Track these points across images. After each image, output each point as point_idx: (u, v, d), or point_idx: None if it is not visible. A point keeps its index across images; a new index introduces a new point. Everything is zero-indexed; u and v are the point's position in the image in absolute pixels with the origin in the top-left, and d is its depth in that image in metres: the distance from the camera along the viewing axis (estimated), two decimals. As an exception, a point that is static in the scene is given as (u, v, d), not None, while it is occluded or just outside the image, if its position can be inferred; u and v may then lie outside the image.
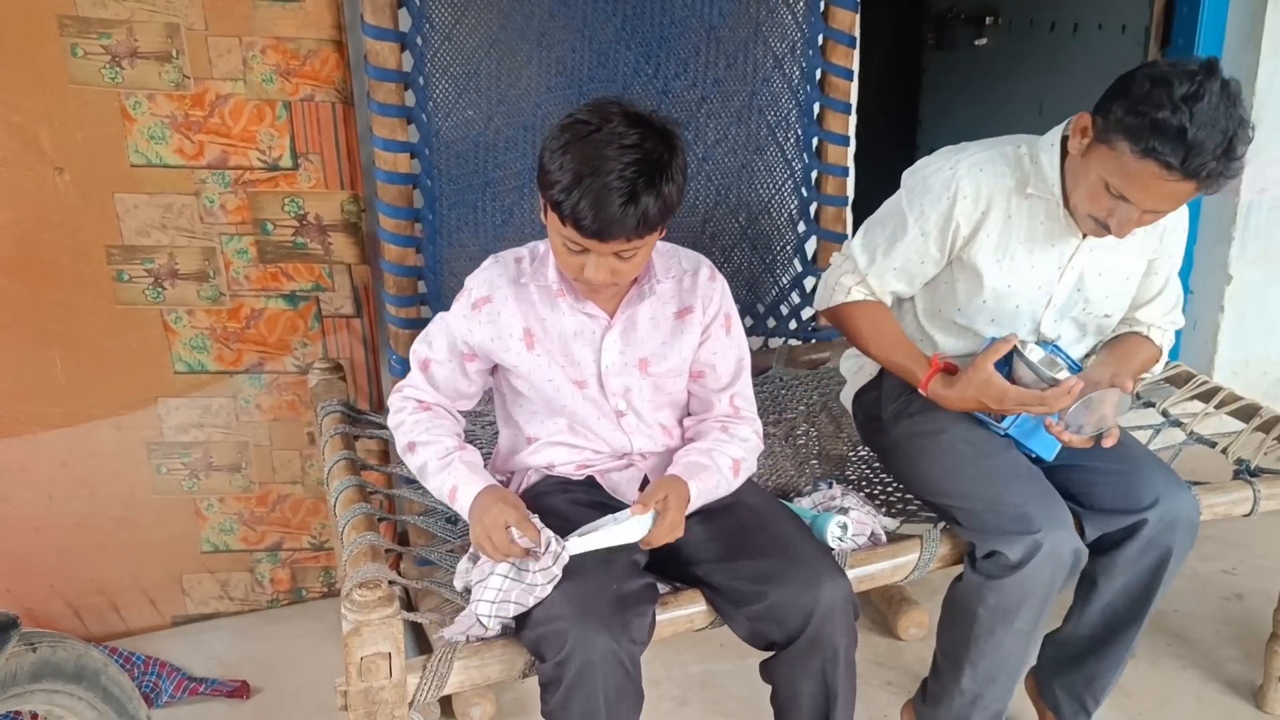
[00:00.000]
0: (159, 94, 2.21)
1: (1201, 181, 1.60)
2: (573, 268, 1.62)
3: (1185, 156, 1.56)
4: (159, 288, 2.33)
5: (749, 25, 2.45)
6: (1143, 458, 1.94)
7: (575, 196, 1.51)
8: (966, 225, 1.84)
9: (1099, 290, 1.91)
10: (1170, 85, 1.57)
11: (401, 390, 1.82)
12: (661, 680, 2.38)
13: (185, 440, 2.45)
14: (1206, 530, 2.75)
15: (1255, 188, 3.27)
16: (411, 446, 1.75)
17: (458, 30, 2.27)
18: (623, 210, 1.51)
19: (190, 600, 2.57)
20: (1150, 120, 1.56)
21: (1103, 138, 1.66)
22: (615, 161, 1.50)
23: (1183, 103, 1.55)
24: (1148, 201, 1.65)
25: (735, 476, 1.76)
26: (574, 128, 1.55)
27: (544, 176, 1.57)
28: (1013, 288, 1.88)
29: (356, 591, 1.50)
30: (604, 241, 1.55)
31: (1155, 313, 2.02)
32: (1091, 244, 1.87)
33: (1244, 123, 1.59)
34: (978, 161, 1.84)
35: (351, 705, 1.51)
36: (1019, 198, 1.83)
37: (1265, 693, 2.29)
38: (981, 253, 1.86)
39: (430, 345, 1.79)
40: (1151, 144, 1.57)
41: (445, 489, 1.70)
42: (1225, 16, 3.19)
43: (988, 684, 1.91)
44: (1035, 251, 1.86)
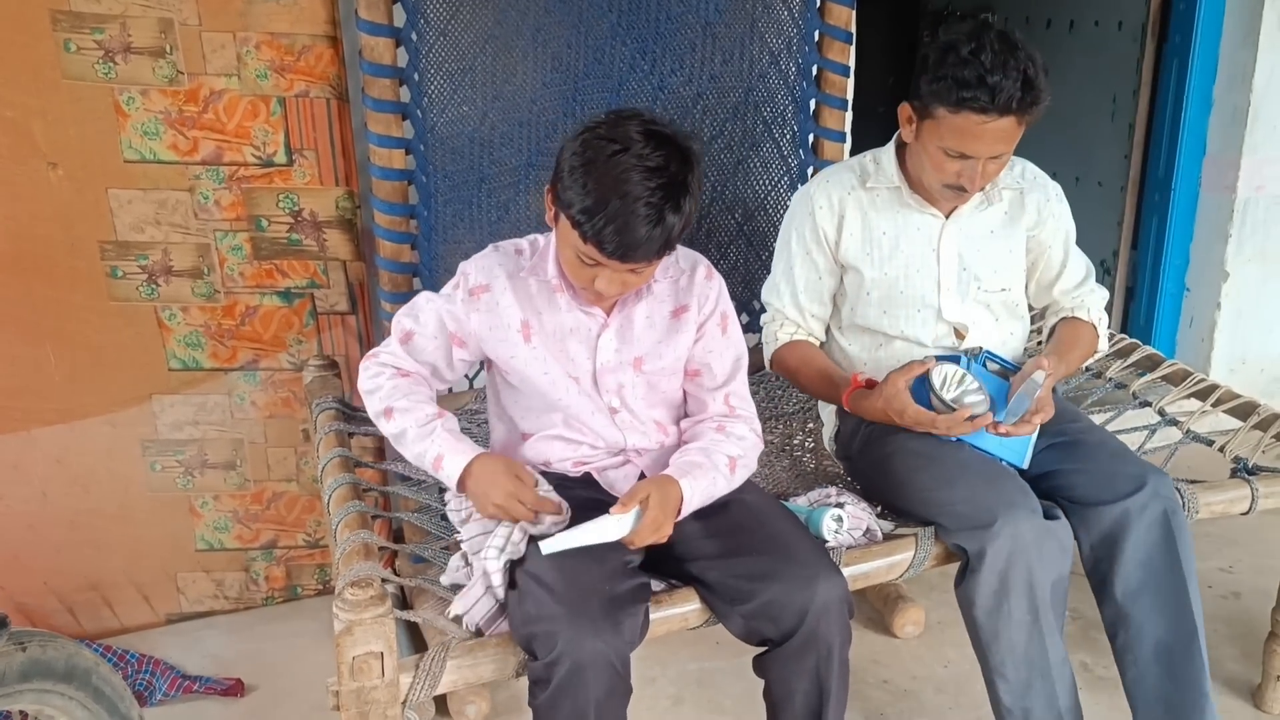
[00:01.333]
0: (153, 89, 2.20)
1: (1017, 114, 1.77)
2: (583, 279, 1.63)
3: (993, 96, 1.74)
4: (153, 284, 2.32)
5: (745, 21, 2.44)
6: (1119, 452, 1.97)
7: (600, 221, 1.51)
8: (831, 229, 2.04)
9: (985, 265, 2.03)
10: (956, 48, 1.77)
11: (377, 356, 1.79)
12: (657, 678, 2.37)
13: (180, 437, 2.44)
14: (1204, 528, 2.76)
15: (1252, 185, 3.27)
16: (389, 412, 1.72)
17: (453, 26, 2.26)
18: (648, 234, 1.53)
19: (185, 598, 2.56)
20: (952, 79, 1.76)
21: (923, 114, 1.85)
22: (641, 187, 1.51)
23: (971, 55, 1.74)
24: (984, 149, 1.81)
25: (733, 474, 1.75)
26: (595, 146, 1.54)
27: (563, 192, 1.56)
28: (890, 275, 2.03)
29: (348, 590, 1.50)
30: (625, 262, 1.56)
31: (1068, 286, 2.14)
32: (957, 222, 2.01)
33: (1031, 58, 1.76)
34: (825, 175, 2.09)
35: (344, 705, 1.50)
36: (864, 192, 2.03)
37: (1264, 691, 2.28)
38: (851, 251, 2.03)
39: (417, 319, 1.77)
40: (960, 95, 1.75)
41: (429, 456, 1.68)
42: (1222, 13, 3.19)
43: (1025, 691, 1.85)
44: (899, 238, 2.02)
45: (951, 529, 1.84)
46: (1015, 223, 2.05)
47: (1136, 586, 1.87)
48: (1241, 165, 3.24)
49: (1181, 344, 3.56)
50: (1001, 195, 2.04)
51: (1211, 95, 3.28)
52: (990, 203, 2.03)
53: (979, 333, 2.05)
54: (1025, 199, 2.05)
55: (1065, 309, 2.14)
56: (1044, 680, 1.84)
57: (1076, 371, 2.28)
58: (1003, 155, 1.86)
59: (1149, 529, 1.85)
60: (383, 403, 1.74)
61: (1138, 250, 3.58)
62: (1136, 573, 1.87)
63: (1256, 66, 3.14)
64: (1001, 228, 2.05)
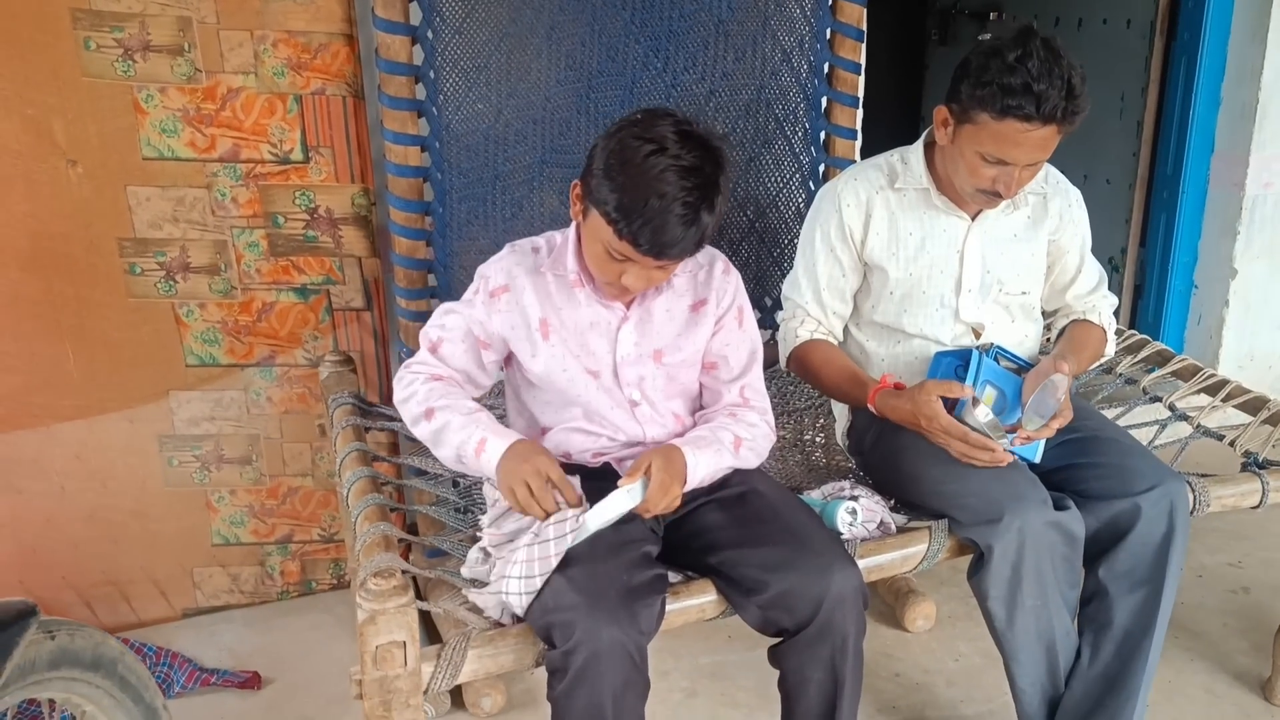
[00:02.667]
0: (171, 87, 2.22)
1: (1059, 122, 1.77)
2: (610, 274, 1.65)
3: (1038, 104, 1.73)
4: (171, 281, 2.34)
5: (757, 19, 2.46)
6: (1134, 449, 1.99)
7: (637, 220, 1.54)
8: (858, 228, 2.04)
9: (1008, 268, 2.05)
10: (1002, 54, 1.76)
11: (409, 366, 1.81)
12: (671, 671, 2.39)
13: (196, 433, 2.46)
14: (1214, 523, 2.78)
15: (1260, 182, 3.28)
16: (429, 413, 1.73)
17: (468, 24, 2.27)
18: (683, 233, 1.56)
19: (201, 592, 2.58)
20: (997, 86, 1.75)
21: (962, 119, 1.84)
22: (677, 186, 1.54)
23: (1017, 63, 1.74)
24: (1023, 156, 1.81)
25: (737, 452, 1.77)
26: (631, 146, 1.56)
27: (596, 189, 1.58)
28: (913, 275, 2.03)
29: (371, 581, 1.51)
30: (659, 260, 1.59)
31: (1082, 291, 2.16)
32: (982, 225, 2.02)
33: (1074, 66, 1.76)
34: (852, 173, 2.09)
35: (367, 694, 1.52)
36: (892, 193, 2.03)
37: (1274, 685, 2.30)
38: (877, 250, 2.04)
39: (443, 328, 1.80)
40: (1006, 103, 1.75)
41: (472, 442, 1.68)
42: (1231, 10, 3.20)
43: (1037, 670, 1.92)
44: (924, 239, 2.02)
45: (964, 522, 1.86)
46: (1038, 227, 2.06)
47: (1122, 571, 1.92)
48: (1250, 162, 3.25)
49: (1189, 341, 3.57)
50: (1027, 200, 2.05)
51: (1220, 92, 3.29)
52: (1016, 207, 2.04)
53: (995, 333, 2.07)
54: (1049, 204, 2.06)
55: (1077, 312, 2.16)
56: (1050, 654, 1.92)
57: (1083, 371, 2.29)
58: (1039, 163, 1.86)
59: (1153, 525, 1.88)
60: (421, 405, 1.75)
61: (1146, 247, 3.58)
62: (1127, 560, 1.91)
63: (1265, 63, 3.15)
64: (1025, 231, 2.06)
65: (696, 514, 1.78)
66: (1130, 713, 1.93)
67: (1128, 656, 1.93)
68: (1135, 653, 1.93)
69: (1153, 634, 1.92)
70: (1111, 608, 1.93)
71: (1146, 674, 1.94)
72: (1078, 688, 1.95)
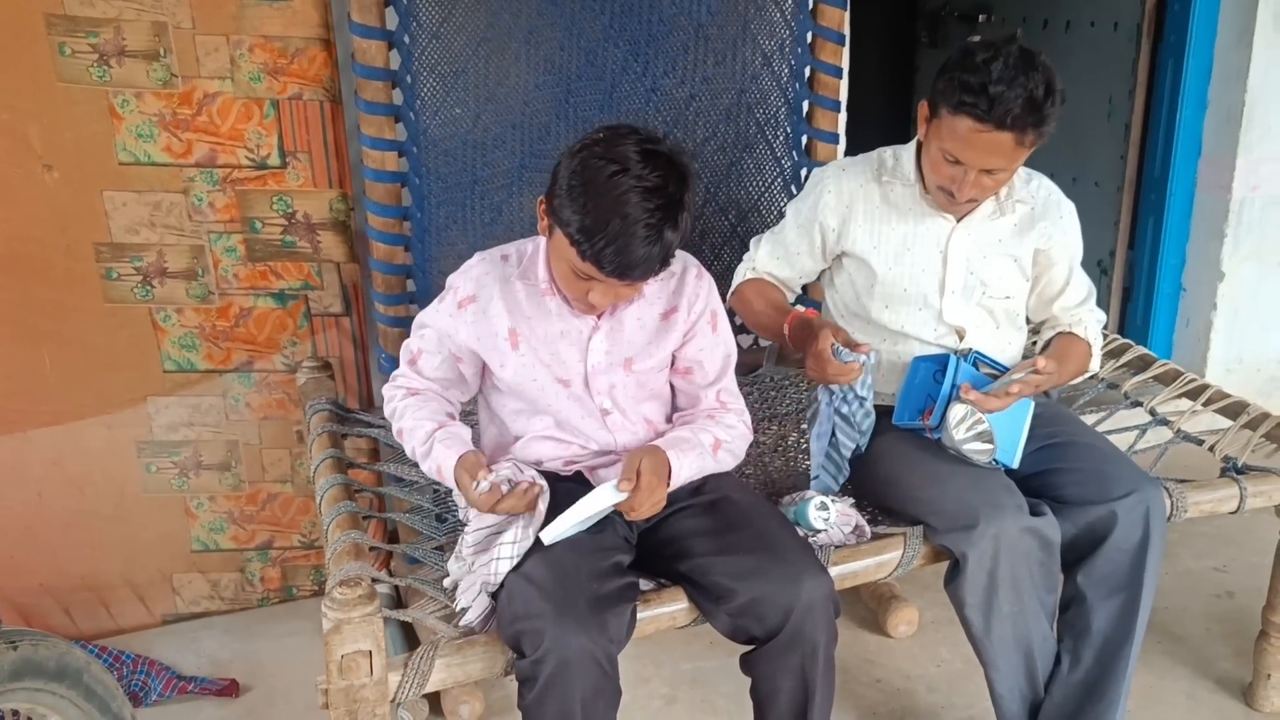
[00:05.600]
0: (147, 92, 2.21)
1: (1014, 131, 1.76)
2: (577, 291, 1.65)
3: (990, 106, 1.74)
4: (148, 286, 2.33)
5: (737, 23, 2.45)
6: (1111, 455, 1.98)
7: (600, 241, 1.53)
8: (834, 219, 2.05)
9: (991, 273, 2.04)
10: (973, 54, 1.78)
11: (394, 381, 1.84)
12: (651, 678, 2.38)
13: (175, 439, 2.45)
14: (1198, 527, 2.77)
15: (1248, 185, 3.27)
16: (400, 433, 1.79)
17: (445, 28, 2.27)
18: (647, 254, 1.55)
19: (180, 599, 2.57)
20: (958, 81, 1.77)
21: (933, 114, 1.87)
22: (640, 208, 1.52)
23: (982, 64, 1.75)
24: (975, 158, 1.81)
25: (716, 455, 1.78)
26: (593, 166, 1.54)
27: (560, 209, 1.57)
28: (895, 271, 2.03)
29: (337, 590, 1.51)
30: (623, 280, 1.58)
31: (1069, 304, 2.14)
32: (967, 228, 2.02)
33: (1047, 81, 1.75)
34: (843, 164, 2.12)
35: (332, 704, 1.51)
36: (877, 186, 2.04)
37: (1255, 690, 2.29)
38: (860, 243, 2.04)
39: (422, 338, 1.82)
40: (961, 99, 1.76)
41: (433, 471, 1.73)
42: (1217, 13, 3.20)
43: (1015, 675, 1.92)
44: (908, 235, 2.03)
45: (939, 529, 1.85)
46: (1024, 235, 2.05)
47: (1099, 577, 1.92)
48: (1237, 165, 3.24)
49: (1178, 344, 3.56)
50: (1015, 208, 2.03)
51: (1207, 95, 3.29)
52: (1003, 213, 2.02)
53: (978, 338, 2.06)
54: (1037, 216, 2.05)
55: (1063, 324, 2.14)
56: (1028, 660, 1.92)
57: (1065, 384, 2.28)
58: (998, 172, 1.85)
59: (1130, 531, 1.88)
60: (395, 425, 1.80)
61: (1134, 250, 3.58)
62: (1104, 566, 1.91)
63: (1251, 66, 3.14)
64: (1010, 238, 2.04)
65: (669, 521, 1.78)
66: (1110, 718, 1.93)
67: (1107, 663, 1.92)
68: (1115, 659, 1.92)
69: (1132, 640, 1.91)
70: (1090, 614, 1.92)
71: (1126, 680, 1.93)
72: (1058, 694, 1.95)
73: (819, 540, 1.83)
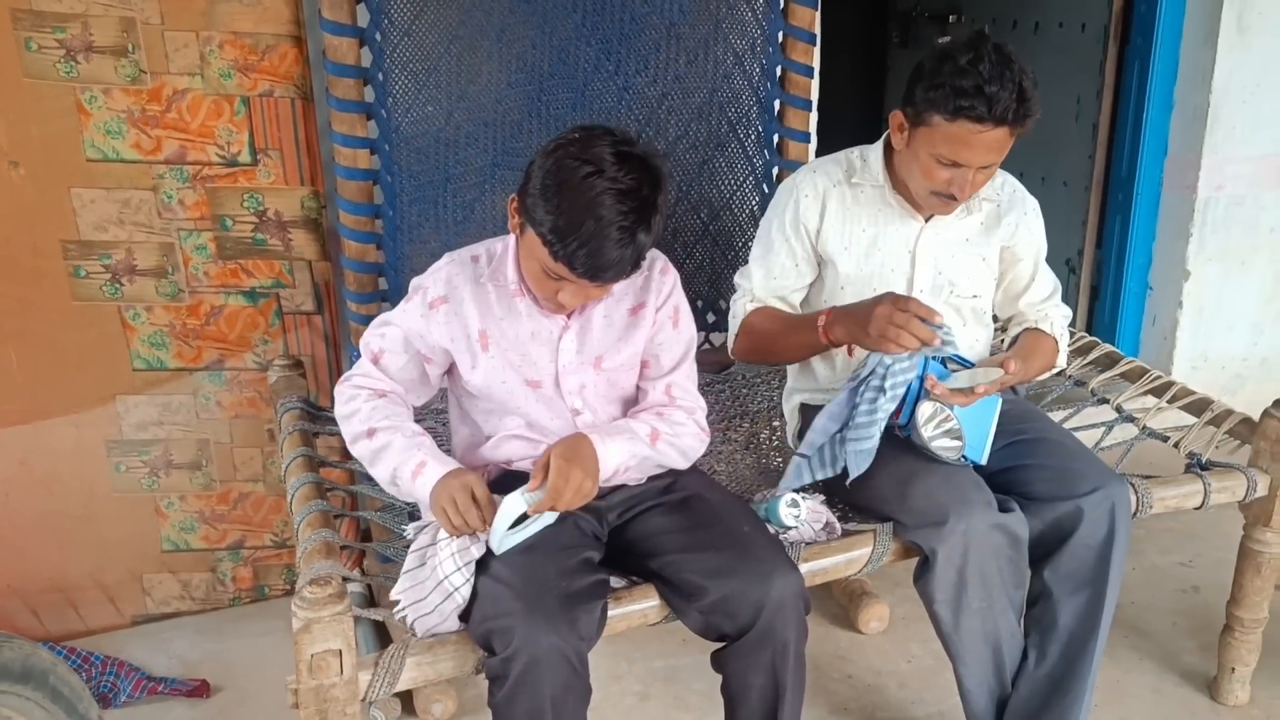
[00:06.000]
0: (115, 88, 2.20)
1: (1010, 124, 1.79)
2: (547, 291, 1.65)
3: (989, 106, 1.76)
4: (116, 284, 2.32)
5: (709, 22, 2.46)
6: (1077, 452, 2.00)
7: (572, 244, 1.53)
8: (813, 219, 2.05)
9: (959, 271, 2.06)
10: (954, 57, 1.78)
11: (350, 379, 1.80)
12: (624, 675, 2.39)
13: (145, 438, 2.43)
14: (1164, 523, 2.81)
15: (1213, 185, 3.31)
16: (371, 433, 1.73)
17: (417, 26, 2.26)
18: (620, 256, 1.55)
19: (151, 599, 2.55)
20: (950, 88, 1.77)
21: (917, 122, 1.86)
22: (613, 210, 1.52)
23: (969, 65, 1.76)
24: (976, 158, 1.83)
25: (654, 445, 1.76)
26: (568, 167, 1.54)
27: (532, 209, 1.57)
28: (864, 271, 2.05)
29: (307, 589, 1.50)
30: (595, 282, 1.59)
31: (1035, 299, 2.16)
32: (935, 227, 2.04)
33: (1024, 70, 1.78)
34: (812, 166, 2.11)
35: (302, 703, 1.51)
36: (848, 187, 2.05)
37: (1220, 684, 2.32)
38: (831, 242, 2.05)
39: (384, 337, 1.79)
40: (958, 104, 1.77)
41: (410, 464, 1.67)
42: (1182, 15, 3.24)
43: (983, 671, 1.94)
44: (878, 236, 2.04)
45: (909, 526, 1.87)
46: (990, 233, 2.07)
47: (1065, 573, 1.94)
48: (1202, 165, 3.28)
49: (1145, 342, 3.60)
50: (981, 206, 2.06)
51: (1172, 96, 3.33)
52: (970, 212, 2.05)
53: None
54: (1003, 212, 2.07)
55: (1030, 320, 2.17)
56: (996, 655, 1.94)
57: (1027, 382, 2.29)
58: (992, 166, 1.88)
59: (1095, 527, 1.90)
60: (364, 424, 1.74)
61: (1102, 249, 3.61)
62: (1070, 562, 1.93)
63: (1216, 67, 3.18)
64: (977, 237, 2.07)
65: (640, 519, 1.78)
66: (1076, 712, 1.95)
67: (1073, 657, 1.94)
68: (1080, 654, 1.94)
69: (1097, 635, 1.93)
70: (1056, 609, 1.94)
71: (1091, 675, 1.95)
72: (1024, 688, 1.97)
73: (790, 537, 1.84)
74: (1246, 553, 2.20)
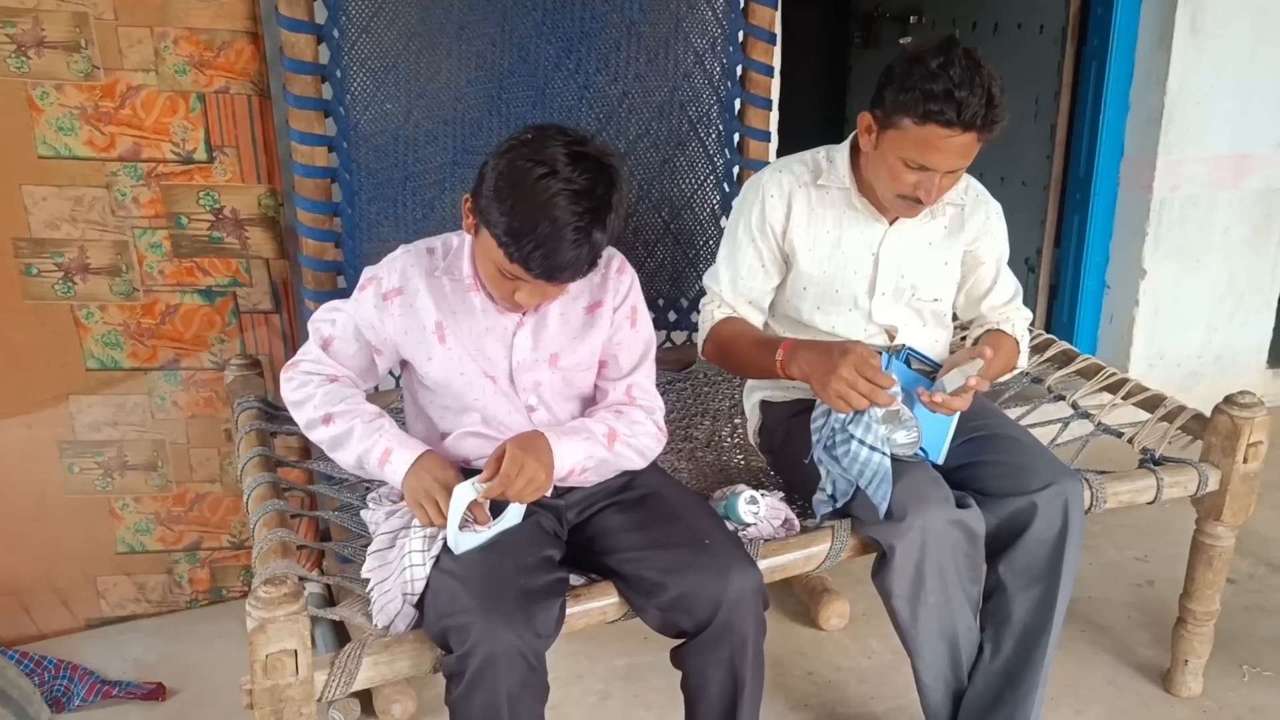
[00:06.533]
0: (68, 84, 2.17)
1: (979, 129, 1.79)
2: (503, 291, 1.64)
3: (959, 111, 1.75)
4: (69, 282, 2.28)
5: (669, 21, 2.46)
6: (1032, 448, 2.03)
7: (528, 245, 1.52)
8: (779, 218, 2.04)
9: (921, 275, 2.07)
10: (925, 61, 1.78)
11: (298, 365, 1.79)
12: (585, 674, 2.39)
13: (99, 439, 2.40)
14: (1120, 518, 2.84)
15: (1168, 185, 3.36)
16: (328, 419, 1.73)
17: (375, 23, 2.25)
18: (575, 256, 1.55)
19: (105, 602, 2.52)
20: (920, 92, 1.77)
21: (886, 124, 1.85)
22: (568, 211, 1.52)
23: (940, 70, 1.76)
24: (944, 162, 1.83)
25: (611, 446, 1.75)
26: (521, 169, 1.53)
27: (487, 209, 1.56)
28: (827, 273, 2.05)
29: (262, 588, 1.49)
30: (550, 282, 1.59)
31: (996, 302, 2.17)
32: (899, 230, 2.04)
33: (993, 76, 1.78)
34: (778, 165, 2.09)
35: (257, 704, 1.50)
36: (814, 189, 2.04)
37: (1173, 676, 2.35)
38: (796, 241, 2.05)
39: (334, 324, 1.78)
40: (928, 109, 1.76)
41: (375, 451, 1.68)
42: (1138, 18, 3.28)
43: (940, 665, 1.96)
44: (842, 238, 2.04)
45: (867, 521, 1.88)
46: (954, 237, 2.08)
47: (1019, 567, 1.96)
48: (1157, 165, 3.33)
49: (1103, 340, 3.65)
50: (944, 210, 2.07)
51: (1129, 97, 3.37)
52: (933, 216, 2.06)
53: (906, 336, 2.09)
54: (966, 216, 2.08)
55: (991, 322, 2.18)
56: (952, 649, 1.96)
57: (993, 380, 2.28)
58: (959, 171, 1.88)
59: (1049, 522, 1.92)
60: (319, 410, 1.74)
61: (1060, 248, 3.66)
62: (1024, 556, 1.95)
63: (1170, 69, 3.23)
64: (940, 240, 2.08)
65: (599, 517, 1.78)
66: (1030, 705, 1.97)
67: (1027, 650, 1.97)
68: (1033, 647, 1.96)
69: (1049, 629, 1.95)
70: (1010, 603, 1.96)
71: (1044, 668, 1.98)
72: (979, 682, 1.99)
73: (749, 534, 1.85)
74: (1198, 547, 2.23)
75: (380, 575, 1.67)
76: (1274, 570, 2.84)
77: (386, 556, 1.69)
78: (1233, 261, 3.56)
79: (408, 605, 1.62)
